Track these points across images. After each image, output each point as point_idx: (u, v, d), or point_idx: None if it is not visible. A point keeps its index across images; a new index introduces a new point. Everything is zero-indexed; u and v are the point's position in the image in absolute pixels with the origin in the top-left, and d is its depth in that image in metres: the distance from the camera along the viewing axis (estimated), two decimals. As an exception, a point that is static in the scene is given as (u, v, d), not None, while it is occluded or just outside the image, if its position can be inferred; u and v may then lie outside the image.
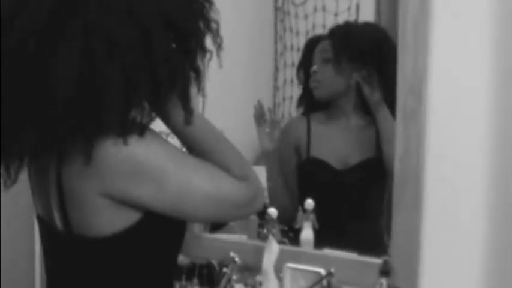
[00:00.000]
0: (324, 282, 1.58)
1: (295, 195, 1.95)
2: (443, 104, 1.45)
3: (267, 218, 1.71)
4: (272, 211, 1.72)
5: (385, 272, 1.49)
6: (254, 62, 1.99)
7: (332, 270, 1.58)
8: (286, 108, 2.11)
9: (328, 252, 1.71)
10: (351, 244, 1.69)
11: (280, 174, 2.00)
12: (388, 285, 1.49)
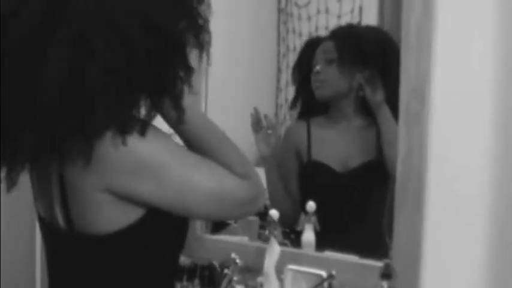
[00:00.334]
0: (325, 284, 1.58)
1: (296, 199, 1.95)
2: (445, 107, 1.45)
3: (269, 220, 1.71)
4: (274, 213, 1.72)
5: (387, 275, 1.49)
6: (257, 64, 1.99)
7: (333, 272, 1.57)
8: (288, 110, 2.11)
9: (329, 254, 1.71)
10: (353, 246, 1.69)
11: (280, 179, 2.00)
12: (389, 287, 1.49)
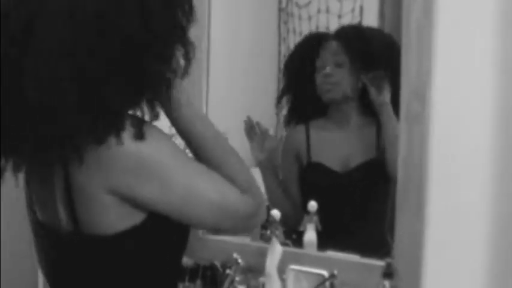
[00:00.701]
0: (327, 284, 1.58)
1: (297, 202, 1.96)
2: (446, 107, 1.45)
3: (270, 220, 1.72)
4: (275, 213, 1.72)
5: (388, 274, 1.49)
6: (257, 64, 1.99)
7: (335, 272, 1.58)
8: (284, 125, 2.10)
9: (331, 254, 1.71)
10: (355, 246, 1.69)
11: (277, 182, 2.01)
12: (391, 287, 1.49)
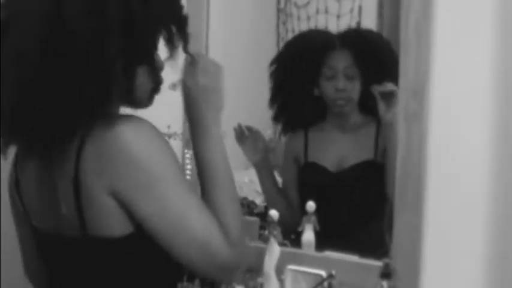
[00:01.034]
0: (325, 284, 1.58)
1: (294, 204, 1.96)
2: (445, 107, 1.45)
3: (268, 220, 1.72)
4: (273, 213, 1.72)
5: (386, 274, 1.49)
6: (256, 64, 1.98)
7: (333, 272, 1.57)
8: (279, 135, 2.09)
9: (329, 254, 1.71)
10: (353, 246, 1.69)
11: (273, 183, 2.03)
12: (389, 287, 1.49)
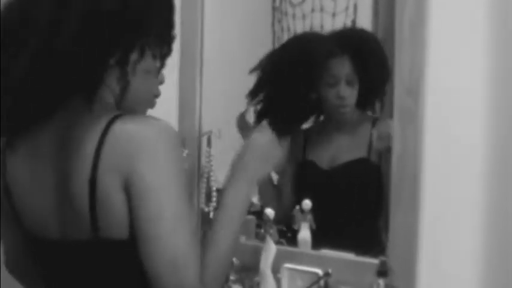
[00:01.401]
0: (322, 282, 1.58)
1: (285, 200, 1.95)
2: (440, 104, 1.45)
3: (264, 219, 1.72)
4: (269, 212, 1.72)
5: (383, 273, 1.49)
6: (251, 63, 1.98)
7: (329, 270, 1.58)
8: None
9: (325, 252, 1.71)
10: (349, 244, 1.69)
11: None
12: (386, 285, 1.49)
